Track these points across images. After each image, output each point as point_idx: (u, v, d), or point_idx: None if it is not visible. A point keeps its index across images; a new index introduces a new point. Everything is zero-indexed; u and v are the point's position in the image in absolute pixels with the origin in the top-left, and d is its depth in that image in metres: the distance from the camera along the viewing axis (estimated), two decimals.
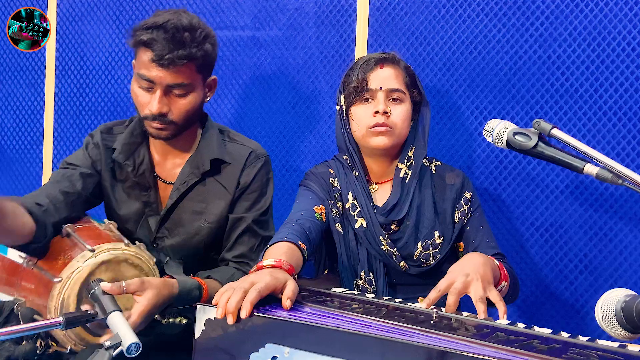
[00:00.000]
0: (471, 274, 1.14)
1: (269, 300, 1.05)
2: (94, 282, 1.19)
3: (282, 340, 0.95)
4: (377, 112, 1.42)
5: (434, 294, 1.13)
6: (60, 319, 1.07)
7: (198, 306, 1.01)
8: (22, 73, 2.24)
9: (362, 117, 1.44)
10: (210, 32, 1.45)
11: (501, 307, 1.11)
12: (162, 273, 1.42)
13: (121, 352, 1.04)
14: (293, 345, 0.95)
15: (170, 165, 1.55)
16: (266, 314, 0.99)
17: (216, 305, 1.00)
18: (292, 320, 0.97)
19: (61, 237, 1.36)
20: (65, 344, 1.26)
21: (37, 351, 1.27)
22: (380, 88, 1.43)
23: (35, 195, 1.40)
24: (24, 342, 1.27)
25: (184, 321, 1.39)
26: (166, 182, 1.54)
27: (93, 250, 1.28)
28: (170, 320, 1.38)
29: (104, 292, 1.16)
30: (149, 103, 1.41)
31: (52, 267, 1.29)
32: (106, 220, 1.41)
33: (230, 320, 0.97)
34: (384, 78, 1.44)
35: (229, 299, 0.99)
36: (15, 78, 2.25)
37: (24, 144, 2.25)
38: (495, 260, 1.29)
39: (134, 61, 1.47)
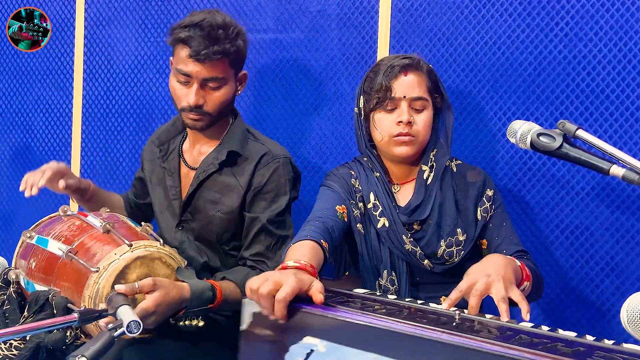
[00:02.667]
0: (492, 275, 1.13)
1: (305, 298, 1.10)
2: (112, 294, 1.25)
3: (319, 333, 1.02)
4: (400, 122, 1.42)
5: (455, 294, 1.12)
6: (75, 315, 1.12)
7: (244, 300, 1.09)
8: (50, 76, 2.29)
9: (385, 125, 1.44)
10: (241, 29, 1.56)
11: (524, 306, 1.10)
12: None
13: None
14: (330, 339, 1.01)
15: (197, 152, 1.65)
16: (306, 309, 1.05)
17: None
18: (330, 315, 1.03)
19: (101, 232, 1.42)
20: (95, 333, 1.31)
21: (67, 340, 1.33)
22: (404, 97, 1.43)
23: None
24: (55, 331, 1.32)
25: (201, 323, 1.43)
26: (190, 167, 1.64)
27: (130, 245, 1.35)
28: (187, 322, 1.42)
29: (118, 294, 1.22)
30: (186, 96, 1.52)
31: (90, 259, 1.35)
32: (143, 223, 1.49)
33: (271, 316, 1.06)
34: (407, 86, 1.43)
35: (260, 302, 1.06)
36: (44, 81, 2.31)
37: (53, 146, 2.31)
38: (516, 261, 1.28)
39: (171, 58, 1.57)
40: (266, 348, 1.08)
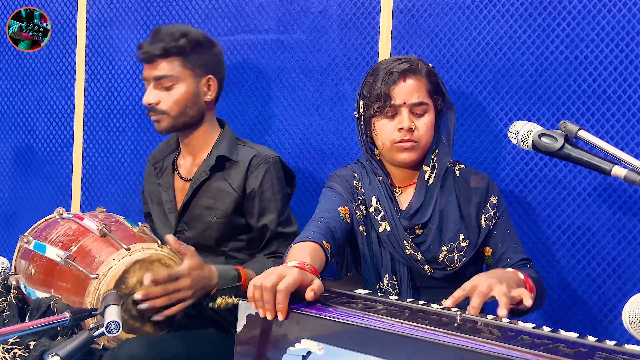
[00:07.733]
0: (495, 280, 1.17)
1: (304, 299, 1.09)
2: (109, 291, 1.27)
3: (316, 336, 1.01)
4: (401, 129, 1.42)
5: (459, 292, 1.15)
6: (67, 314, 1.12)
7: (240, 301, 1.09)
8: (52, 77, 2.29)
9: (386, 132, 1.44)
10: (195, 33, 1.63)
11: (527, 298, 1.14)
12: None
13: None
14: (327, 342, 1.00)
15: (190, 164, 1.71)
16: (302, 311, 1.05)
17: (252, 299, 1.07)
18: (326, 317, 1.02)
19: (98, 236, 1.42)
20: (99, 341, 1.30)
21: None
22: (404, 103, 1.42)
23: None
24: (59, 338, 1.31)
25: (236, 300, 1.45)
26: (185, 180, 1.69)
27: (128, 249, 1.34)
28: (223, 301, 1.43)
29: (111, 294, 1.24)
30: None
31: (89, 264, 1.34)
32: (140, 223, 1.50)
33: (269, 316, 1.05)
34: (407, 92, 1.42)
35: (263, 298, 1.05)
36: (46, 82, 2.31)
37: (55, 146, 2.31)
38: (519, 274, 1.29)
39: None
40: (261, 352, 1.06)
